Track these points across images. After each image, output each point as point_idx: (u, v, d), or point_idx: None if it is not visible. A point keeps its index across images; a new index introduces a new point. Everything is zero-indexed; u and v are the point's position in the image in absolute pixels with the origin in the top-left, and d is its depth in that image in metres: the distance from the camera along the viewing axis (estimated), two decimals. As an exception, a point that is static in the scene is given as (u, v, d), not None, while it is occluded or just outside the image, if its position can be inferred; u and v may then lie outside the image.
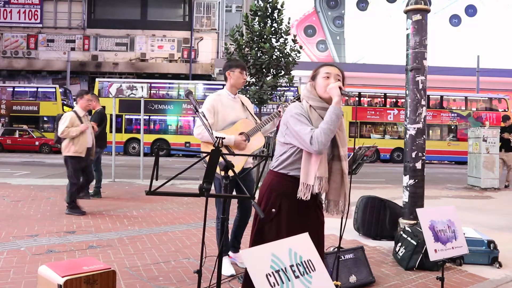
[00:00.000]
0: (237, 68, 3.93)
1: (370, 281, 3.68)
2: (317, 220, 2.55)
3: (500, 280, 3.91)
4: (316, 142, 2.30)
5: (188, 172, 2.14)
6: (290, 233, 2.38)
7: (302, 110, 2.45)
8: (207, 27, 34.74)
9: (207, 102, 3.85)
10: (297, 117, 2.41)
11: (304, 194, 2.37)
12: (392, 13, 32.31)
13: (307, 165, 2.38)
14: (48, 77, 34.43)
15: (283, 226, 2.43)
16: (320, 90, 2.50)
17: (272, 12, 9.53)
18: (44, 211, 6.44)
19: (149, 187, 1.91)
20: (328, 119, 2.34)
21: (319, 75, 2.53)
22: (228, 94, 3.94)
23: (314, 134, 2.31)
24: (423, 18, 4.63)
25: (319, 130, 2.32)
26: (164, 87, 25.61)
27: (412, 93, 4.66)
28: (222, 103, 3.86)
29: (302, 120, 2.39)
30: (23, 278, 3.52)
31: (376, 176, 14.48)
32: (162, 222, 5.90)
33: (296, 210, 2.45)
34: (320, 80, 2.51)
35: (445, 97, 25.95)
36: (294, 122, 2.40)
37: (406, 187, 4.67)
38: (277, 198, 2.44)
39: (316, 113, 2.48)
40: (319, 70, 2.56)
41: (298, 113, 2.42)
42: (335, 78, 2.50)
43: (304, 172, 2.38)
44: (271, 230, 2.42)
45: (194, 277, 3.66)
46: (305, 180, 2.38)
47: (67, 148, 6.29)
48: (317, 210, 2.55)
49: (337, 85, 2.42)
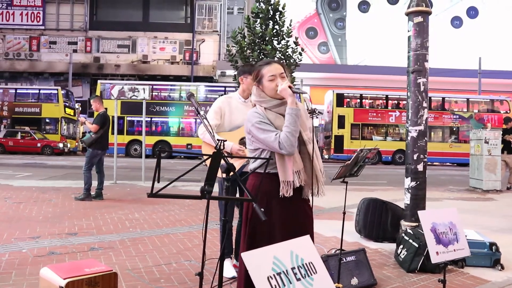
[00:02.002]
0: (250, 74, 3.90)
1: (372, 283, 3.67)
2: (305, 215, 2.57)
3: (502, 283, 3.89)
4: (285, 146, 2.34)
5: (190, 174, 2.14)
6: (282, 230, 2.40)
7: (259, 116, 2.47)
8: (209, 29, 34.82)
9: (215, 104, 3.90)
10: (258, 125, 2.43)
11: (287, 191, 2.41)
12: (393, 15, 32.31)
13: (282, 163, 2.42)
14: (50, 79, 34.54)
15: (275, 225, 2.45)
16: (270, 92, 2.52)
17: (274, 14, 9.55)
18: (46, 213, 6.44)
19: (151, 189, 1.91)
20: (289, 122, 2.38)
21: (264, 78, 2.53)
22: (239, 98, 3.94)
23: (281, 139, 2.35)
24: (424, 20, 4.63)
25: (284, 134, 2.36)
26: (166, 89, 25.66)
27: (413, 95, 4.66)
28: (231, 106, 3.87)
29: (264, 127, 2.42)
30: (24, 280, 3.52)
31: (378, 178, 14.47)
32: (164, 224, 5.90)
33: (284, 207, 2.47)
34: (267, 83, 2.52)
35: (446, 99, 25.94)
36: (257, 131, 2.43)
37: (408, 189, 4.66)
38: (263, 198, 2.46)
39: (273, 112, 2.51)
40: (261, 72, 2.55)
41: (258, 121, 2.44)
42: (280, 77, 2.51)
43: (282, 170, 2.42)
44: (263, 230, 2.43)
45: (195, 279, 3.66)
46: (284, 178, 2.42)
47: None
48: (304, 205, 2.57)
49: (286, 85, 2.44)
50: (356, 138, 24.37)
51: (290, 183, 2.41)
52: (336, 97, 25.00)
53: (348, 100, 25.62)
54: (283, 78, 2.51)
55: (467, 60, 31.91)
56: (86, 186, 7.71)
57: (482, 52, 31.07)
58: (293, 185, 2.42)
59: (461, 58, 32.47)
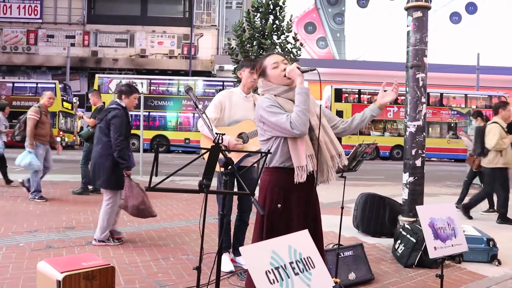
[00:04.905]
0: (247, 68, 3.93)
1: (369, 278, 3.68)
2: (317, 201, 2.58)
3: (499, 278, 3.91)
4: (296, 125, 2.33)
5: (187, 169, 2.14)
6: (300, 224, 2.39)
7: (270, 101, 2.47)
8: (207, 23, 34.67)
9: (216, 97, 3.93)
10: (269, 109, 2.42)
11: (301, 177, 2.39)
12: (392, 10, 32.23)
13: (295, 148, 2.41)
14: (48, 73, 34.35)
15: (293, 218, 2.44)
16: (276, 79, 2.53)
17: (274, 9, 9.52)
18: (43, 207, 6.43)
19: (149, 183, 1.90)
20: (299, 101, 2.37)
21: (268, 68, 2.55)
22: (241, 93, 3.97)
23: (293, 119, 2.34)
24: (423, 15, 4.62)
25: (295, 114, 2.35)
26: (164, 83, 25.59)
27: (412, 91, 4.65)
28: (231, 100, 3.90)
29: (275, 110, 2.41)
30: (22, 274, 3.52)
31: (376, 174, 14.48)
32: (162, 219, 5.90)
33: (302, 200, 2.47)
34: (272, 71, 2.53)
35: (445, 95, 25.95)
36: (268, 115, 2.42)
37: (406, 184, 4.66)
38: (280, 193, 2.45)
39: (282, 98, 2.51)
40: (264, 64, 2.58)
41: (268, 105, 2.44)
42: (283, 63, 2.54)
43: (295, 155, 2.40)
44: (281, 225, 2.41)
45: (193, 273, 3.65)
46: (298, 163, 2.40)
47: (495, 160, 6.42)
48: (315, 193, 2.57)
49: (294, 66, 2.45)
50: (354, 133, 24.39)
51: (304, 168, 2.39)
52: (334, 92, 24.99)
53: (346, 96, 25.60)
54: (286, 64, 2.53)
55: (466, 55, 31.85)
56: (84, 180, 7.69)
57: (480, 48, 31.00)
58: (307, 170, 2.40)
59: (459, 54, 32.41)
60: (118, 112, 4.52)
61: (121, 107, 4.60)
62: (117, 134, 4.44)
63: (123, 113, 4.56)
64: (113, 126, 4.46)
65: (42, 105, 7.22)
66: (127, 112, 4.66)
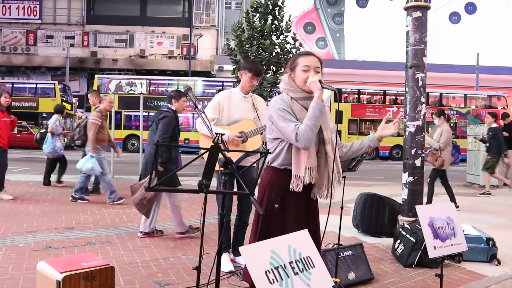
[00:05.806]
0: (250, 72, 3.88)
1: (369, 278, 3.68)
2: (316, 213, 2.56)
3: (499, 277, 3.91)
4: (301, 139, 2.29)
5: (187, 169, 2.14)
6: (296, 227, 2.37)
7: (284, 104, 2.43)
8: (207, 23, 34.66)
9: (215, 98, 3.92)
10: (280, 112, 2.38)
11: (297, 186, 2.37)
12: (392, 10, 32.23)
13: (297, 157, 2.38)
14: (47, 73, 34.34)
15: (288, 220, 2.43)
16: (299, 83, 2.47)
17: (273, 9, 9.52)
18: (43, 207, 6.43)
19: (148, 183, 1.91)
20: (312, 115, 2.32)
21: (298, 67, 2.48)
22: (239, 93, 3.95)
23: (299, 131, 2.30)
24: (423, 15, 4.62)
25: (303, 127, 2.30)
26: (163, 84, 25.59)
27: (411, 90, 4.65)
28: (230, 101, 3.89)
29: (285, 116, 2.37)
30: (22, 274, 3.52)
31: (375, 173, 14.48)
32: (161, 219, 5.89)
33: (299, 203, 2.45)
34: (299, 73, 2.46)
35: (444, 95, 25.95)
36: (277, 118, 2.39)
37: (405, 184, 4.67)
38: (278, 193, 2.44)
39: (299, 104, 2.46)
40: (297, 61, 2.50)
41: (281, 108, 2.40)
42: (314, 70, 2.45)
43: (295, 164, 2.38)
44: (276, 226, 2.41)
45: (193, 273, 3.66)
46: (296, 172, 2.38)
47: None
48: (315, 204, 2.56)
49: (317, 79, 2.38)
50: (353, 133, 24.37)
51: (301, 178, 2.36)
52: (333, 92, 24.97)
53: (346, 96, 25.61)
54: (317, 73, 2.45)
55: (465, 55, 31.86)
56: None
57: (480, 48, 31.02)
58: (303, 181, 2.37)
59: (459, 54, 32.42)
60: (168, 113, 4.82)
61: (171, 110, 4.89)
62: (162, 131, 4.66)
63: (172, 115, 4.84)
64: (161, 124, 4.72)
65: (103, 110, 7.18)
66: (176, 116, 4.93)
